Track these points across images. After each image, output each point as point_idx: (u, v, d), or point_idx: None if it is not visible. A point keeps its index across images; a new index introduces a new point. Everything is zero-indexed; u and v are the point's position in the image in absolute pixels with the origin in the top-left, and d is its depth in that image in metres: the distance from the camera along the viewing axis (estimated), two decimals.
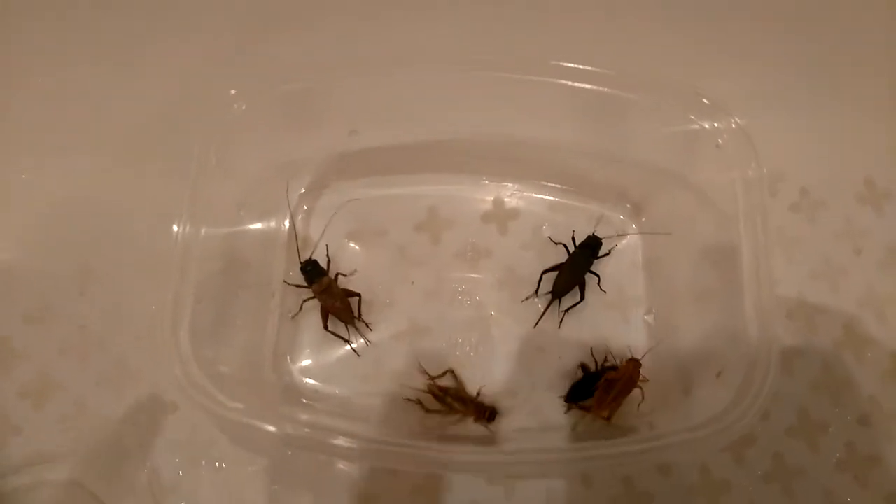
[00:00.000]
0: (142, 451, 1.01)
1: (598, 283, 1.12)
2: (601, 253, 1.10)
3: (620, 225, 1.17)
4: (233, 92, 0.95)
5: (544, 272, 1.10)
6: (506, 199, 1.17)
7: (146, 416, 1.03)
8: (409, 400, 1.04)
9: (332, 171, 1.15)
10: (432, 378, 1.06)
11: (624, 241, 1.16)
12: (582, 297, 1.10)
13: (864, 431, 1.04)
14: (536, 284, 1.12)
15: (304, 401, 1.06)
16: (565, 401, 1.05)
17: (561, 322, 1.11)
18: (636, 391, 1.02)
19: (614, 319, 1.12)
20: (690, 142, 0.99)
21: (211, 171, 0.93)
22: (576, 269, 1.09)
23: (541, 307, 1.12)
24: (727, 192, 0.94)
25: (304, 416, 1.00)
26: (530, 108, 1.02)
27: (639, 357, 1.03)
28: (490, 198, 1.18)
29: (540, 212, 1.17)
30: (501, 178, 1.17)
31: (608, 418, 0.99)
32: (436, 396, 1.03)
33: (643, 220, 1.17)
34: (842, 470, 1.03)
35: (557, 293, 1.09)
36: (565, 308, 1.11)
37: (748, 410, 0.84)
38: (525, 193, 1.17)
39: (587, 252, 1.09)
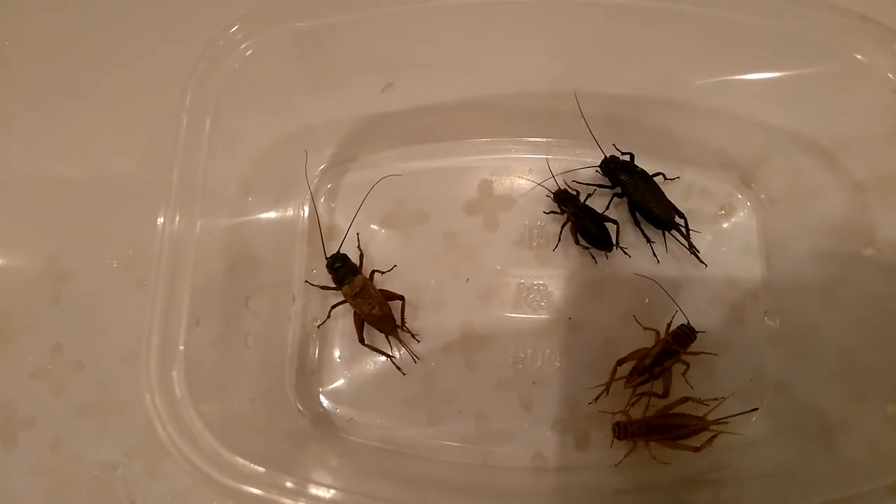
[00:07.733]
0: None
1: (696, 253, 0.94)
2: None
3: (726, 198, 0.98)
4: (234, 28, 0.77)
5: (639, 223, 0.94)
6: (581, 170, 0.97)
7: (140, 461, 0.86)
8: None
9: (360, 140, 0.98)
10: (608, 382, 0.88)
11: (732, 220, 0.97)
12: (678, 213, 0.94)
13: None
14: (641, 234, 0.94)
15: (339, 434, 0.90)
16: None
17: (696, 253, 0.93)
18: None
19: (725, 319, 0.93)
20: (834, 85, 0.81)
21: (206, 142, 0.76)
22: (648, 194, 0.93)
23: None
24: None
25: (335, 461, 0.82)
26: (606, 48, 0.86)
27: None
28: (561, 168, 0.98)
29: None
30: (574, 144, 0.98)
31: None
32: (633, 380, 0.87)
33: (755, 191, 0.97)
34: None
35: (666, 223, 0.93)
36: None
37: None
38: None
39: (630, 172, 0.93)
